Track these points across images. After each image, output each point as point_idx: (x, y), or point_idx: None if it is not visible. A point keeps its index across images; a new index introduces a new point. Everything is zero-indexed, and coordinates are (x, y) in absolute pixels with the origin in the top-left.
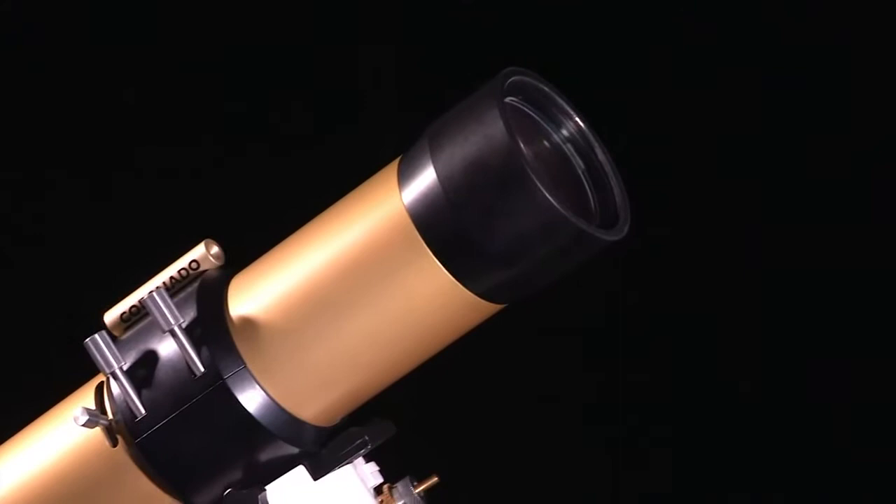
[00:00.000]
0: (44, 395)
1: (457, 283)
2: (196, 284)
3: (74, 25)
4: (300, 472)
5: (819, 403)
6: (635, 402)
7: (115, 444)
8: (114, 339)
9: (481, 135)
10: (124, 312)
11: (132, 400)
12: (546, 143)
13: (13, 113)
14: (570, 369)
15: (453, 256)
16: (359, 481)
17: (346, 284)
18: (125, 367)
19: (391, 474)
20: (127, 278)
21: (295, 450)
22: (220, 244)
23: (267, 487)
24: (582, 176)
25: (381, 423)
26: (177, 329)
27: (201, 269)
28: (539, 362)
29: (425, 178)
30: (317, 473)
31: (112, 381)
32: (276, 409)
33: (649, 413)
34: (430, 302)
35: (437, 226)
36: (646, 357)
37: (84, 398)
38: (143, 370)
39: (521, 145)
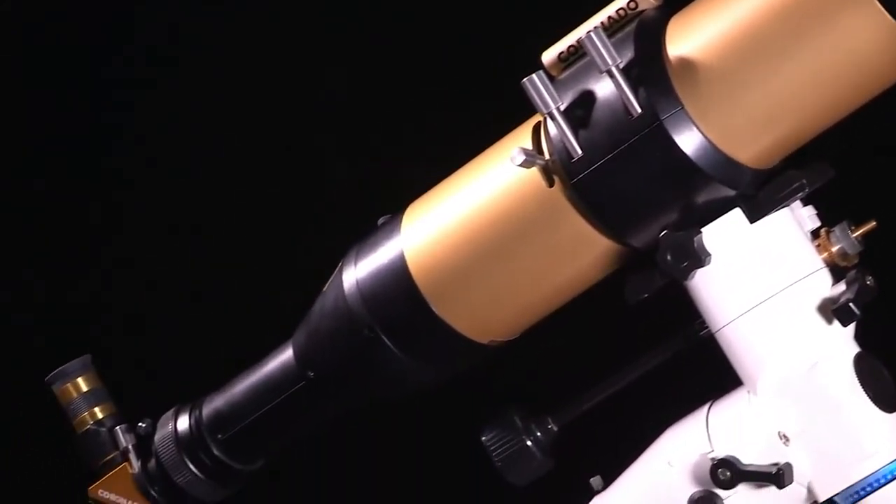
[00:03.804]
0: (474, 141)
1: None
2: (634, 24)
3: None
4: (736, 214)
5: None
6: None
7: (551, 184)
8: (551, 78)
9: None
10: (562, 52)
11: (569, 140)
12: None
13: None
14: None
15: None
16: (795, 224)
17: (783, 24)
18: (562, 108)
19: (829, 218)
20: (565, 18)
21: (731, 192)
22: None
23: (703, 230)
24: None
25: (819, 166)
26: (614, 69)
27: (640, 8)
28: None
29: None
30: (753, 216)
31: (549, 121)
32: (713, 150)
33: None
34: (870, 43)
35: None
36: None
37: (520, 138)
38: (580, 110)
39: None
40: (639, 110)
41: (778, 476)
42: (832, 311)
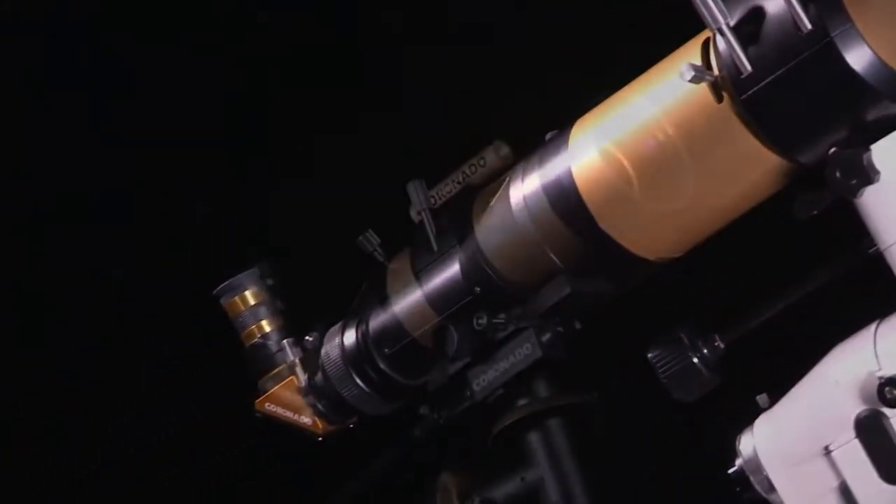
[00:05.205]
0: (641, 56)
1: None
2: None
3: None
4: None
5: None
6: None
7: (720, 100)
8: None
9: None
10: None
11: (738, 56)
12: None
13: None
14: None
15: None
16: None
17: None
18: (731, 24)
19: None
20: None
21: None
22: None
23: (871, 147)
24: None
25: None
26: None
27: None
28: None
29: None
30: None
31: (718, 37)
32: (882, 67)
33: None
34: None
35: None
36: None
37: (689, 54)
38: (750, 26)
39: None
40: (809, 27)
41: None
42: None
